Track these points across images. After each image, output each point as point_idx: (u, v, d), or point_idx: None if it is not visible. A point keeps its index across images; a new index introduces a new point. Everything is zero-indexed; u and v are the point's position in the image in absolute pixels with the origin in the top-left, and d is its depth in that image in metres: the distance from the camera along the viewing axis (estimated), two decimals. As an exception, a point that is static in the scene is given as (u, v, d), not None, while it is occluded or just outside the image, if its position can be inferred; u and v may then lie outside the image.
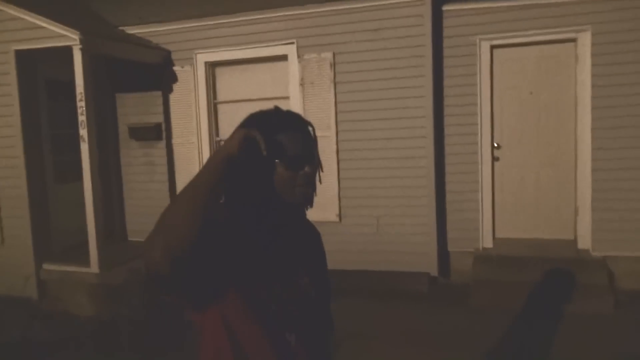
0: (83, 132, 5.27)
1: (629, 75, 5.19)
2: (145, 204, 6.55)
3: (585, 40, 5.36)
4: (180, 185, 6.46)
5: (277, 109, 1.37)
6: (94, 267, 5.33)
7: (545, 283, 5.08)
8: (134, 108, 6.60)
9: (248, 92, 6.32)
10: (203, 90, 6.33)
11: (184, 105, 6.40)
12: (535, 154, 5.74)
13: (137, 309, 5.02)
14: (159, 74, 6.37)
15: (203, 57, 6.31)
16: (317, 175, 1.38)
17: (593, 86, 5.32)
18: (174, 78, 6.41)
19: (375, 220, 5.76)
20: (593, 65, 5.31)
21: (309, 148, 1.32)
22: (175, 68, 6.39)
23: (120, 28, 6.46)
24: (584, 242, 5.46)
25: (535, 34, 5.52)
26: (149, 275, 1.11)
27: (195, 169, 6.35)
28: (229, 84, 6.44)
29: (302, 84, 5.94)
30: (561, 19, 5.39)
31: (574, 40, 5.45)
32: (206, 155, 6.35)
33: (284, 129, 1.31)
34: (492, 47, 5.67)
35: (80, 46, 5.18)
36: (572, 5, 5.35)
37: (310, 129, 1.36)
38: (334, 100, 5.84)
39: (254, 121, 1.33)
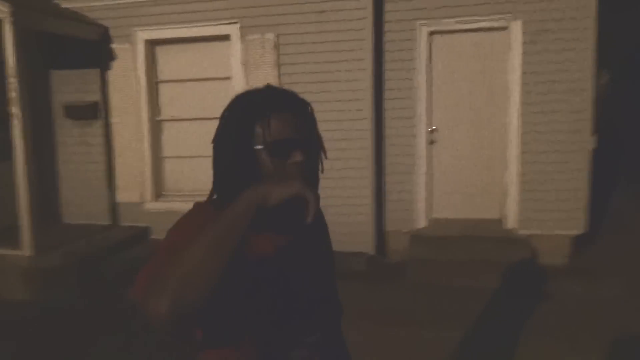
0: (14, 109, 5.06)
1: (556, 63, 5.48)
2: (81, 185, 6.38)
3: (516, 28, 5.59)
4: (119, 166, 6.33)
5: (267, 87, 1.21)
6: (26, 250, 5.17)
7: (475, 261, 5.35)
8: (70, 86, 6.37)
9: (190, 72, 6.24)
10: (143, 69, 6.19)
11: (123, 84, 6.25)
12: (469, 138, 5.98)
13: (72, 293, 4.93)
14: (96, 51, 6.17)
15: (143, 35, 6.16)
16: (319, 163, 1.22)
17: (523, 73, 5.57)
18: (112, 55, 6.23)
19: (316, 201, 5.86)
20: (524, 53, 5.56)
21: (301, 131, 1.14)
22: (114, 45, 6.21)
23: (55, 1, 6.20)
24: (511, 221, 5.77)
25: (471, 21, 5.71)
26: (147, 320, 0.91)
27: (134, 149, 6.25)
28: (171, 63, 6.33)
29: (244, 65, 5.92)
30: (495, 6, 5.60)
31: (506, 28, 5.69)
32: (146, 135, 6.24)
33: (269, 111, 1.13)
34: (431, 33, 5.83)
35: (11, 19, 4.96)
36: (506, -5, 5.58)
37: (307, 109, 1.19)
38: (277, 82, 5.85)
39: (239, 103, 1.19)
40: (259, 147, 1.12)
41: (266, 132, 1.12)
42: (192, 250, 0.93)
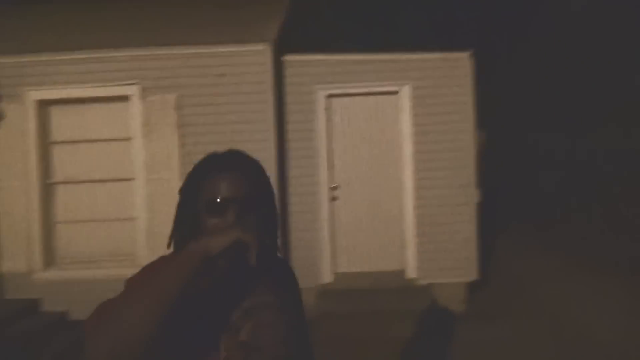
0: None
1: (442, 124, 6.02)
2: (-41, 255, 5.79)
3: (405, 93, 6.11)
4: (4, 232, 5.85)
5: (227, 151, 1.31)
6: None
7: (382, 311, 5.54)
8: (-52, 148, 5.88)
9: (87, 133, 6.03)
10: (33, 130, 5.88)
11: (10, 146, 5.87)
12: (367, 194, 6.30)
13: None
14: (-20, 111, 5.80)
15: (35, 95, 5.89)
16: (272, 218, 1.26)
17: (413, 133, 6.06)
18: (-2, 116, 5.87)
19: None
20: (413, 115, 6.06)
21: (239, 191, 1.19)
22: (1, 105, 5.87)
23: None
24: (411, 271, 6.09)
25: (365, 86, 6.15)
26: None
27: (22, 214, 5.83)
28: (66, 123, 6.07)
29: (144, 126, 5.85)
30: (386, 74, 6.10)
31: (396, 92, 6.19)
32: (36, 199, 5.86)
33: (209, 173, 1.22)
34: (329, 96, 6.18)
35: None
36: (394, 63, 6.10)
37: (253, 169, 1.26)
38: (178, 142, 5.84)
39: (194, 167, 1.29)
40: (200, 209, 1.20)
41: (205, 192, 1.20)
42: (132, 304, 1.00)
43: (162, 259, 1.28)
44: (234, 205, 1.18)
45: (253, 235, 1.07)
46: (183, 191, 1.29)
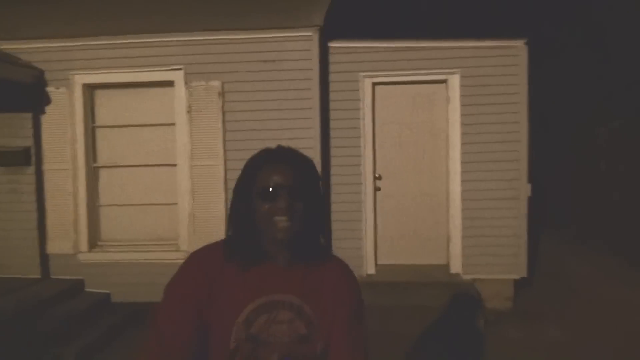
0: (-63, 154, 4.68)
1: (493, 115, 5.80)
2: (7, 235, 5.91)
3: (454, 82, 5.90)
4: (52, 215, 5.94)
5: (277, 146, 1.42)
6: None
7: (424, 306, 5.39)
8: (-1, 130, 5.99)
9: (131, 117, 6.06)
10: (80, 114, 5.94)
11: (58, 129, 5.95)
12: (412, 185, 6.14)
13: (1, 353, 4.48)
14: (29, 95, 5.86)
15: (81, 79, 5.94)
16: (314, 208, 1.35)
17: (462, 124, 5.86)
18: (47, 99, 5.94)
19: (263, 249, 5.74)
20: (462, 105, 5.86)
21: (290, 179, 1.31)
22: (49, 89, 5.94)
23: (-16, 42, 5.89)
24: (456, 266, 5.92)
25: (412, 74, 5.97)
26: None
27: (69, 197, 5.91)
28: (110, 108, 6.12)
29: (189, 112, 5.83)
30: (434, 62, 5.90)
31: (444, 81, 5.99)
32: (82, 182, 5.93)
33: (264, 163, 1.35)
34: (374, 84, 6.03)
35: (-63, 59, 4.64)
36: (443, 50, 5.89)
37: (304, 164, 1.38)
38: (222, 129, 5.80)
39: (250, 157, 1.41)
40: (254, 194, 1.33)
41: (259, 180, 1.32)
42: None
43: (207, 248, 1.40)
44: (284, 192, 1.29)
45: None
46: (239, 181, 1.39)
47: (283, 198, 1.29)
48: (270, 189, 1.30)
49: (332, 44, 5.95)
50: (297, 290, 1.35)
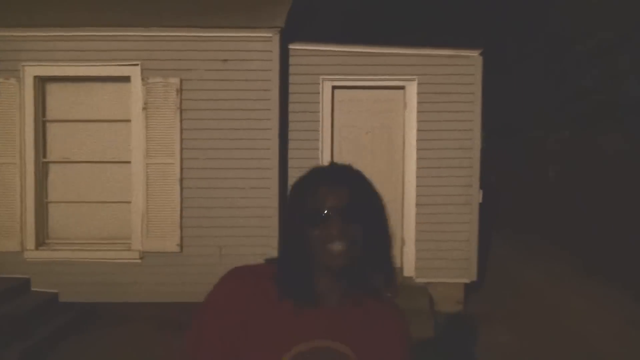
0: None
1: (449, 122, 5.93)
2: (-52, 231, 5.65)
3: (412, 89, 6.01)
4: (-4, 210, 5.71)
5: (329, 163, 1.31)
6: None
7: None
8: (-59, 120, 5.72)
9: (84, 112, 5.90)
10: (30, 107, 5.73)
11: (7, 121, 5.71)
12: (369, 189, 6.20)
13: None
14: (-25, 84, 5.63)
15: (32, 71, 5.74)
16: (375, 232, 1.22)
17: (418, 130, 5.97)
18: (-6, 90, 5.71)
19: (218, 249, 5.70)
20: (418, 111, 5.97)
21: (342, 200, 1.17)
22: (-2, 79, 5.72)
23: None
24: (409, 270, 6.02)
25: (371, 79, 6.05)
26: None
27: (15, 193, 5.69)
28: (63, 101, 5.93)
29: (145, 108, 5.71)
30: (393, 68, 5.99)
31: (402, 88, 6.09)
32: (30, 177, 5.72)
33: (313, 185, 1.22)
34: (334, 88, 6.08)
35: None
36: (402, 57, 5.99)
37: (356, 180, 1.25)
38: (179, 127, 5.71)
39: (300, 177, 1.28)
40: (302, 218, 1.19)
41: (307, 203, 1.19)
42: None
43: (254, 273, 1.25)
44: (336, 215, 1.16)
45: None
46: (288, 207, 1.28)
47: (335, 222, 1.15)
48: (321, 213, 1.16)
49: (292, 46, 5.96)
50: (347, 336, 1.21)
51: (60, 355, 4.71)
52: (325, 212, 1.16)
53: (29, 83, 5.74)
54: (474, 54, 5.92)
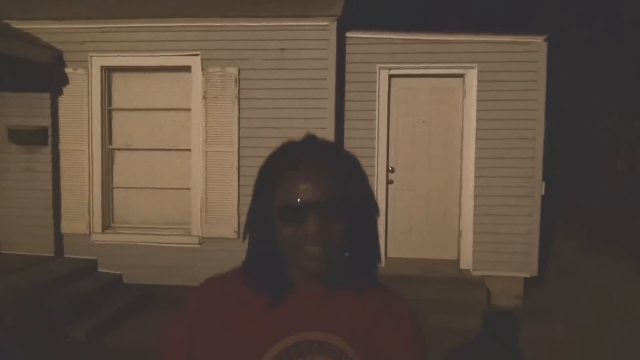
0: (-44, 131, 4.75)
1: (510, 111, 5.74)
2: (23, 213, 6.01)
3: (472, 76, 5.85)
4: (66, 195, 6.02)
5: (305, 137, 1.06)
6: (-38, 282, 4.78)
7: (431, 300, 5.39)
8: (17, 109, 6.04)
9: (147, 101, 6.09)
10: (97, 96, 5.99)
11: (75, 110, 6.00)
12: (425, 179, 6.12)
13: (11, 328, 4.57)
14: (47, 75, 5.92)
15: (99, 61, 5.98)
16: (362, 224, 1.02)
17: (478, 119, 5.80)
18: (65, 80, 5.99)
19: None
20: (478, 100, 5.80)
21: (323, 191, 0.95)
22: (67, 70, 5.99)
23: (5, 21, 5.94)
24: (466, 262, 5.90)
25: (429, 67, 5.93)
26: None
27: (84, 178, 5.98)
28: (127, 91, 6.16)
29: (204, 97, 5.84)
30: (452, 55, 5.84)
31: (462, 76, 5.93)
32: (97, 164, 5.99)
33: (287, 169, 0.99)
34: (390, 76, 5.99)
35: (-42, 37, 4.70)
36: (461, 44, 5.83)
37: (340, 164, 1.01)
38: (237, 115, 5.81)
39: (268, 159, 1.05)
40: (273, 210, 0.99)
41: (278, 192, 0.98)
42: None
43: (217, 279, 1.11)
44: (314, 210, 0.94)
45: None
46: (254, 191, 1.06)
47: (313, 219, 0.94)
48: (295, 207, 0.95)
49: (349, 34, 5.91)
50: (340, 327, 1.02)
51: (123, 332, 4.93)
52: (301, 206, 0.95)
53: (96, 73, 5.98)
54: (538, 39, 5.68)
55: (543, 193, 5.71)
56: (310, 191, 0.94)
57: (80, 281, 5.47)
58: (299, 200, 0.94)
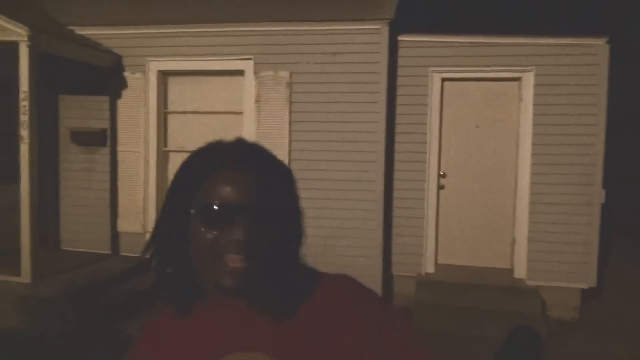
0: (24, 132, 4.98)
1: (565, 116, 5.55)
2: (82, 212, 6.25)
3: (528, 80, 5.68)
4: (123, 195, 6.22)
5: (235, 140, 0.98)
6: (26, 277, 5.00)
7: (482, 309, 5.27)
8: (78, 111, 6.31)
9: (201, 105, 6.23)
10: (154, 99, 6.17)
11: (133, 113, 6.20)
12: (477, 185, 5.98)
13: (70, 323, 4.75)
14: (107, 79, 6.15)
15: (156, 65, 6.16)
16: (294, 234, 0.94)
17: (534, 124, 5.63)
18: (123, 84, 6.20)
19: (322, 241, 5.78)
20: (535, 104, 5.63)
21: (252, 194, 0.86)
22: (126, 74, 6.20)
23: (69, 28, 6.20)
24: (520, 271, 5.73)
25: (483, 71, 5.80)
26: None
27: (140, 179, 6.16)
28: (182, 94, 6.31)
29: (257, 101, 5.92)
30: (507, 59, 5.70)
31: (518, 79, 5.78)
32: (153, 165, 6.16)
33: (213, 168, 0.89)
34: (443, 80, 5.90)
35: (27, 43, 4.93)
36: (517, 47, 5.68)
37: (271, 168, 0.92)
38: (288, 119, 5.85)
39: (191, 157, 0.96)
40: (192, 210, 0.88)
41: (200, 193, 0.88)
42: None
43: (149, 324, 1.04)
44: (242, 215, 0.85)
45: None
46: (173, 186, 0.94)
47: (241, 225, 0.84)
48: (220, 210, 0.86)
49: (401, 38, 5.86)
50: (269, 342, 0.89)
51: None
52: (227, 209, 0.85)
53: (152, 77, 6.16)
54: (599, 42, 5.47)
55: (603, 201, 5.48)
56: (238, 193, 0.85)
57: (135, 279, 5.62)
58: (225, 202, 0.85)
